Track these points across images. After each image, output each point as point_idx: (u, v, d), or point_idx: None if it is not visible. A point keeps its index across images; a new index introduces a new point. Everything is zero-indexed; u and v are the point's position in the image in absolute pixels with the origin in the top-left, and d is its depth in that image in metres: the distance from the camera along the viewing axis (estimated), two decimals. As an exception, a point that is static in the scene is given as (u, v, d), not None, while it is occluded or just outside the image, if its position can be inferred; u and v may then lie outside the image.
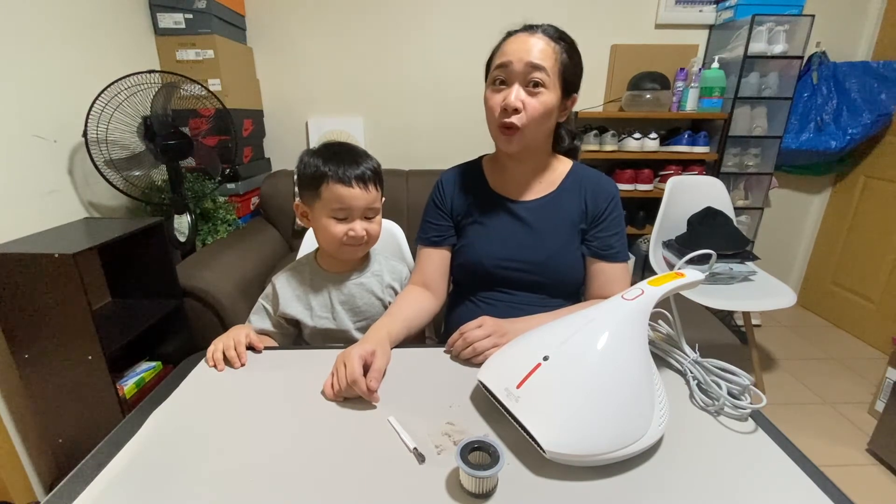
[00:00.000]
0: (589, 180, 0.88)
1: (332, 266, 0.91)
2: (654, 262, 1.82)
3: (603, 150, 2.04)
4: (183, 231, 1.56)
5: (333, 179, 0.79)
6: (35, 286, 1.03)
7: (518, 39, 0.78)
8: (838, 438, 1.53)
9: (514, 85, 0.77)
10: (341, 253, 0.85)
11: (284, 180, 2.01)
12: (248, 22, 2.06)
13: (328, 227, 0.82)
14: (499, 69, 0.78)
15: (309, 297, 0.89)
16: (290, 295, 0.89)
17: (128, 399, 1.24)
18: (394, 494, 0.48)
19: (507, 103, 0.76)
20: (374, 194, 0.83)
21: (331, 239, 0.83)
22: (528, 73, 0.75)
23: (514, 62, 0.76)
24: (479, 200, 0.91)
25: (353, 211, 0.81)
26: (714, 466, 0.51)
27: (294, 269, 0.92)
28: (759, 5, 1.87)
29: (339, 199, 0.79)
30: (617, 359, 0.54)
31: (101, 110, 1.32)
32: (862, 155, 2.17)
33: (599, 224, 0.87)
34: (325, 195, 0.80)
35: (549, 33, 0.78)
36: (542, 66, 0.75)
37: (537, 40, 0.76)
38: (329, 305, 0.89)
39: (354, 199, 0.80)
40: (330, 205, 0.80)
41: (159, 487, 0.48)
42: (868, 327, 2.15)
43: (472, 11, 2.07)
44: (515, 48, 0.77)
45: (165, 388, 0.66)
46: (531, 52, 0.75)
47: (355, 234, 0.81)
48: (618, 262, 0.87)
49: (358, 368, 0.62)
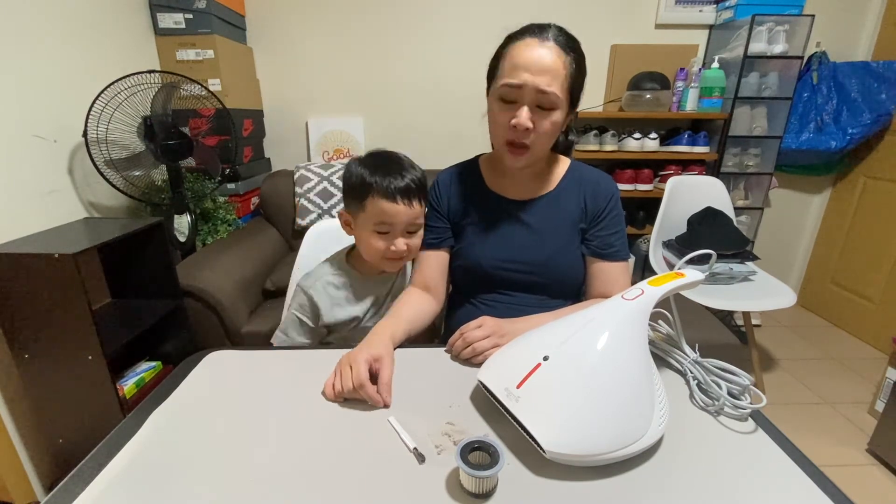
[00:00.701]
0: (588, 179, 0.88)
1: (369, 270, 0.91)
2: (654, 262, 1.82)
3: (603, 150, 2.05)
4: (183, 231, 1.56)
5: (378, 194, 0.79)
6: (35, 286, 1.03)
7: (528, 50, 0.73)
8: (838, 438, 1.53)
9: (524, 107, 0.74)
10: (382, 265, 0.86)
11: (284, 180, 2.01)
12: (248, 22, 2.06)
13: (370, 239, 0.82)
14: (508, 87, 0.74)
15: (352, 301, 0.89)
16: (328, 304, 0.87)
17: (128, 399, 1.24)
18: (394, 494, 0.48)
19: (518, 123, 0.74)
20: (417, 210, 0.82)
21: (373, 253, 0.84)
22: (541, 97, 0.73)
23: (526, 87, 0.72)
24: (477, 201, 0.90)
25: (396, 227, 0.81)
26: (714, 466, 0.51)
27: (325, 278, 0.89)
28: (759, 5, 1.87)
29: (382, 214, 0.79)
30: (617, 359, 0.54)
31: (101, 110, 1.32)
32: (862, 155, 2.17)
33: (599, 223, 0.86)
34: (369, 209, 0.80)
35: (561, 43, 0.74)
36: (554, 91, 0.72)
37: (548, 52, 0.72)
38: (379, 304, 0.90)
39: (398, 214, 0.80)
40: (373, 219, 0.80)
41: (159, 487, 0.48)
42: (868, 327, 2.15)
43: (473, 11, 2.07)
44: (526, 63, 0.72)
45: (165, 388, 0.66)
46: (543, 73, 0.72)
47: (397, 249, 0.82)
48: (618, 260, 0.87)
49: (364, 373, 0.61)
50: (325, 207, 1.96)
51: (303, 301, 0.88)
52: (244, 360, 0.73)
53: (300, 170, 1.98)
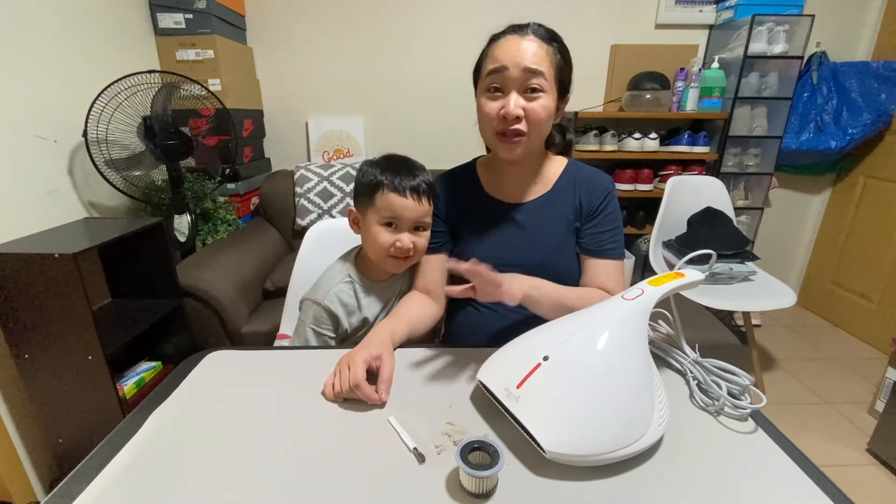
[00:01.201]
0: (583, 178, 0.87)
1: (376, 274, 0.90)
2: (654, 262, 1.82)
3: (603, 150, 2.04)
4: (183, 231, 1.56)
5: (388, 188, 0.80)
6: (35, 286, 1.03)
7: (509, 43, 0.74)
8: (838, 438, 1.53)
9: (512, 93, 0.74)
10: (385, 264, 0.86)
11: (284, 180, 2.01)
12: (248, 22, 2.06)
13: (377, 234, 0.82)
14: (493, 75, 0.74)
15: (364, 307, 0.88)
16: (344, 312, 0.87)
17: (128, 399, 1.24)
18: (394, 494, 0.48)
19: (507, 112, 0.73)
20: (425, 207, 0.83)
21: (378, 248, 0.83)
22: (527, 78, 0.73)
23: (510, 67, 0.72)
24: (475, 205, 0.90)
25: (403, 221, 0.81)
26: (714, 466, 0.51)
27: (337, 286, 0.87)
28: (759, 5, 1.87)
29: (390, 208, 0.80)
30: (617, 359, 0.54)
31: (101, 110, 1.32)
32: (862, 155, 2.17)
33: (592, 220, 0.85)
34: (378, 203, 0.81)
35: (541, 34, 0.75)
36: (540, 70, 0.72)
37: (530, 43, 0.73)
38: (388, 309, 0.90)
39: (406, 208, 0.80)
40: (381, 212, 0.81)
41: (159, 487, 0.48)
42: (868, 327, 2.15)
43: (473, 11, 2.08)
44: (508, 52, 0.73)
45: (165, 388, 0.66)
46: (526, 57, 0.72)
47: (402, 244, 0.82)
48: (610, 258, 0.85)
49: (361, 373, 0.61)
50: (325, 207, 1.96)
51: (319, 314, 0.86)
52: (244, 360, 0.73)
53: (300, 170, 1.98)
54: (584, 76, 2.33)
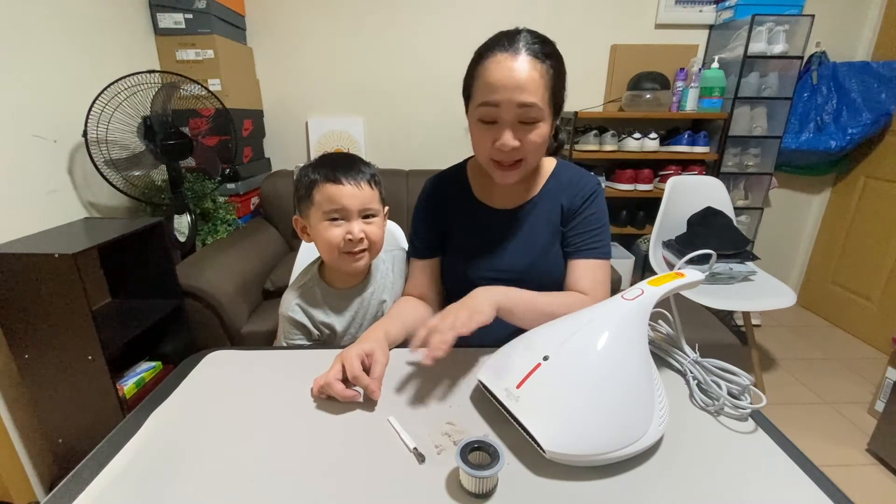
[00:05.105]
0: (569, 179, 0.86)
1: (339, 280, 0.87)
2: (654, 262, 1.82)
3: (603, 150, 2.04)
4: (183, 231, 1.56)
5: (323, 180, 0.77)
6: (35, 286, 1.03)
7: (500, 67, 0.69)
8: (838, 438, 1.53)
9: (507, 129, 0.71)
10: (342, 264, 0.81)
11: (284, 180, 2.01)
12: (248, 22, 2.06)
13: (324, 231, 0.78)
14: (485, 107, 0.71)
15: (329, 315, 0.86)
16: (308, 321, 0.85)
17: (128, 399, 1.24)
18: (394, 494, 0.48)
19: (502, 145, 0.71)
20: (368, 192, 0.79)
21: (330, 246, 0.79)
22: (522, 113, 0.70)
23: (503, 103, 0.69)
24: (464, 210, 0.89)
25: (348, 211, 0.78)
26: (714, 466, 0.51)
27: (296, 298, 0.86)
28: (759, 5, 1.88)
29: (330, 199, 0.77)
30: (617, 359, 0.54)
31: (101, 110, 1.32)
32: (862, 155, 2.17)
33: (574, 220, 0.84)
34: (316, 198, 0.78)
35: (535, 51, 0.69)
36: (535, 103, 0.69)
37: (522, 64, 0.68)
38: (358, 319, 0.88)
39: (345, 196, 0.77)
40: (322, 207, 0.77)
41: (159, 487, 0.48)
42: (868, 327, 2.15)
43: (472, 11, 2.07)
44: (500, 82, 0.68)
45: (165, 388, 0.66)
46: (521, 88, 0.68)
47: (353, 235, 0.77)
48: (591, 258, 0.83)
49: (357, 366, 0.62)
50: (325, 207, 1.95)
51: (286, 326, 0.85)
52: (244, 360, 0.73)
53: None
54: (584, 76, 2.36)
